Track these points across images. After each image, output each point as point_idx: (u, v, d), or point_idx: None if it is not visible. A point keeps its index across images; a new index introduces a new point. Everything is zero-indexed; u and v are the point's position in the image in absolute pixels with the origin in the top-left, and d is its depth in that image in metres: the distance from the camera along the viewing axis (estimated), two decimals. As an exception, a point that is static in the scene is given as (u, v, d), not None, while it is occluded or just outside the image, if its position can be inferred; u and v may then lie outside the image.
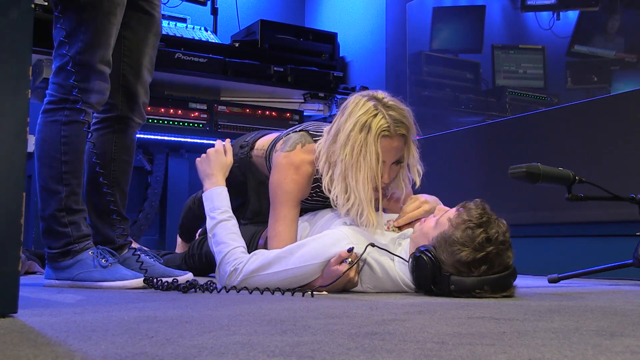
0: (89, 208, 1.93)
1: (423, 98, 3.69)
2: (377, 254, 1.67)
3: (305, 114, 3.87)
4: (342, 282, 1.64)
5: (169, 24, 3.75)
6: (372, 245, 1.64)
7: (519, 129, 3.02)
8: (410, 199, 1.87)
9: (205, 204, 1.93)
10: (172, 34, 3.52)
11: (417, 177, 1.87)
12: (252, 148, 2.21)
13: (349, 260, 1.62)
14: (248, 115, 3.56)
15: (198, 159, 2.07)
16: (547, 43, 3.05)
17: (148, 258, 1.94)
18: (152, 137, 3.38)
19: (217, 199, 1.91)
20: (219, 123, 3.48)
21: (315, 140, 1.93)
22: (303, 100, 3.84)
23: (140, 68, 1.98)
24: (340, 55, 4.19)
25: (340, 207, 1.79)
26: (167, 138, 3.43)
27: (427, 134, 3.49)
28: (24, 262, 2.50)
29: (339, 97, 3.83)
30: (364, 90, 1.89)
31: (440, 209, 1.77)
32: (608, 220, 2.56)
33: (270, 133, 2.25)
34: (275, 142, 2.09)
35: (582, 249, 2.71)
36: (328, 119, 3.73)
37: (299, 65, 3.75)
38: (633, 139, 2.52)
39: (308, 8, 4.81)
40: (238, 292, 1.65)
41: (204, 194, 1.96)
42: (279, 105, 3.80)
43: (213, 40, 3.69)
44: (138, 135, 2.42)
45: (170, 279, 1.70)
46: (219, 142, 2.10)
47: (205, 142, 3.52)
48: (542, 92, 3.11)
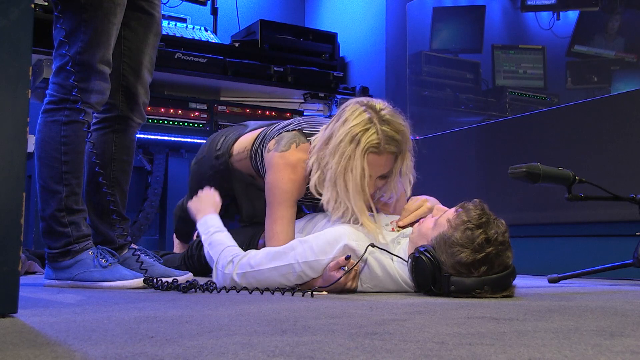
0: (89, 208, 1.93)
1: (423, 98, 3.69)
2: (377, 253, 1.67)
3: (305, 114, 3.87)
4: (338, 287, 1.65)
5: (169, 24, 3.75)
6: (372, 246, 1.64)
7: (519, 129, 3.02)
8: (412, 199, 1.87)
9: (200, 231, 1.96)
10: (172, 34, 3.52)
11: (408, 186, 1.87)
12: (230, 156, 2.19)
13: (346, 268, 1.62)
14: (248, 115, 3.56)
15: (190, 202, 2.09)
16: (547, 43, 3.05)
17: (148, 258, 1.94)
18: (152, 137, 3.38)
19: (209, 221, 1.95)
20: (219, 123, 3.48)
21: (309, 140, 1.93)
22: (303, 100, 3.84)
23: (140, 68, 1.98)
24: (340, 55, 4.19)
25: (332, 212, 1.80)
26: (167, 138, 3.42)
27: (427, 134, 3.50)
28: (24, 262, 2.50)
29: (339, 97, 3.83)
30: (365, 97, 1.87)
31: (439, 209, 1.77)
32: (608, 220, 2.56)
33: (243, 134, 2.21)
34: (264, 138, 2.07)
35: (582, 249, 2.71)
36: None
37: (299, 65, 3.75)
38: (633, 139, 2.52)
39: (308, 8, 4.81)
40: (238, 292, 1.65)
41: (198, 224, 1.99)
42: (279, 105, 3.80)
43: (213, 40, 3.69)
44: (138, 135, 2.43)
45: (170, 279, 1.70)
46: (206, 189, 2.11)
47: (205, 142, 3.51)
48: (542, 92, 3.11)
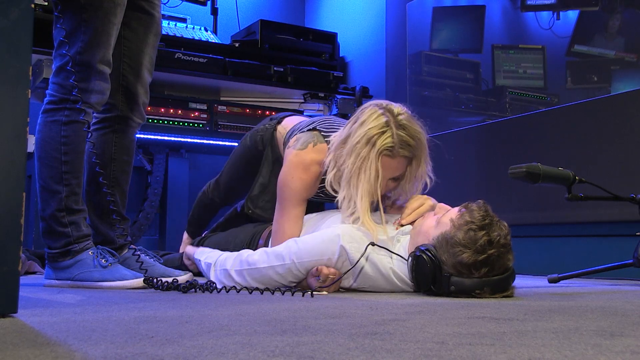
0: (89, 208, 1.93)
1: (423, 98, 3.69)
2: (374, 255, 1.67)
3: (306, 114, 3.87)
4: (334, 288, 1.67)
5: (169, 24, 3.75)
6: (372, 244, 1.64)
7: (519, 129, 3.02)
8: (413, 197, 1.87)
9: (200, 258, 2.04)
10: (172, 34, 3.52)
11: (419, 188, 1.89)
12: (279, 122, 2.25)
13: (321, 279, 1.64)
14: (248, 115, 3.56)
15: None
16: (547, 43, 3.05)
17: (148, 258, 1.94)
18: (152, 137, 3.38)
19: (206, 249, 2.06)
20: (219, 123, 3.48)
21: (328, 141, 1.95)
22: (303, 100, 3.84)
23: (140, 68, 1.98)
24: (340, 55, 4.19)
25: (343, 211, 1.82)
26: (167, 138, 3.42)
27: (427, 134, 3.49)
28: (24, 262, 2.50)
29: (339, 97, 3.83)
30: (384, 100, 1.89)
31: (442, 207, 1.77)
32: (608, 220, 2.56)
33: (295, 115, 2.32)
34: (293, 131, 2.11)
35: (582, 249, 2.71)
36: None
37: (299, 65, 3.75)
38: (633, 139, 2.52)
39: (308, 8, 4.81)
40: (238, 292, 1.65)
41: (195, 253, 2.11)
42: (279, 105, 3.80)
43: (213, 40, 3.68)
44: (138, 135, 2.43)
45: (170, 279, 1.70)
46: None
47: (205, 142, 3.52)
48: (542, 92, 3.11)
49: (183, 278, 1.84)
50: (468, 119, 3.42)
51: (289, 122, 2.23)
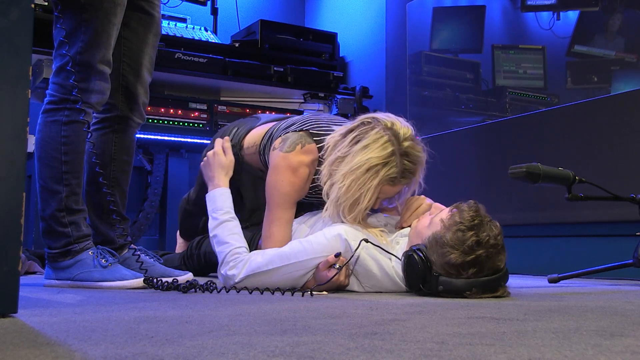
0: (89, 208, 1.93)
1: (423, 98, 3.69)
2: (375, 252, 1.67)
3: (306, 114, 3.87)
4: (333, 285, 1.66)
5: (169, 24, 3.75)
6: (365, 241, 1.64)
7: (519, 129, 3.02)
8: (411, 198, 1.87)
9: (208, 205, 1.93)
10: (172, 34, 3.52)
11: (409, 195, 1.87)
12: (240, 148, 2.18)
13: (337, 265, 1.63)
14: (248, 116, 3.55)
15: (202, 163, 2.07)
16: (547, 43, 3.05)
17: (148, 258, 1.94)
18: (152, 137, 3.38)
19: (219, 200, 1.91)
20: (219, 123, 3.47)
21: (315, 140, 1.93)
22: (303, 100, 3.84)
23: (140, 68, 1.98)
24: (340, 55, 4.19)
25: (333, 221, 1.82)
26: (167, 138, 3.42)
27: (427, 134, 3.49)
28: (24, 262, 2.50)
29: (339, 97, 3.83)
30: (390, 119, 1.78)
31: (437, 207, 1.77)
32: (608, 220, 2.56)
33: (255, 127, 2.21)
34: (271, 135, 2.06)
35: (582, 249, 2.70)
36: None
37: (299, 65, 3.75)
38: (633, 139, 2.52)
39: (308, 8, 4.81)
40: (238, 292, 1.65)
41: (207, 195, 1.97)
42: (279, 105, 3.80)
43: (213, 40, 3.68)
44: (138, 135, 2.43)
45: (170, 279, 1.70)
46: (218, 142, 2.09)
47: (206, 142, 3.51)
48: (542, 92, 3.11)
49: (183, 278, 1.84)
50: (468, 119, 3.41)
51: (252, 137, 2.15)
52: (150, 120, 3.30)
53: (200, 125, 3.45)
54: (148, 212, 3.46)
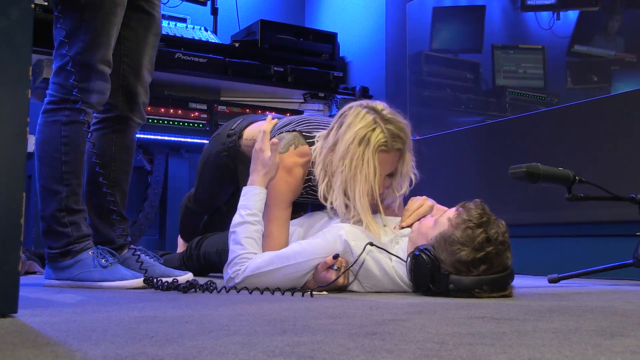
0: (89, 208, 1.93)
1: (423, 98, 3.69)
2: (376, 253, 1.68)
3: (306, 114, 3.87)
4: (331, 286, 1.66)
5: (169, 24, 3.75)
6: (370, 244, 1.65)
7: (519, 129, 3.02)
8: (412, 199, 1.87)
9: (241, 198, 1.87)
10: (172, 34, 3.52)
11: (405, 185, 1.89)
12: (240, 137, 2.21)
13: (336, 267, 1.64)
14: (248, 115, 3.56)
15: (254, 149, 1.93)
16: (547, 43, 3.05)
17: (148, 258, 1.94)
18: (152, 137, 3.38)
19: (252, 199, 1.85)
20: (219, 123, 3.47)
21: (308, 142, 1.93)
22: (303, 100, 3.84)
23: (140, 68, 1.98)
24: (340, 55, 4.19)
25: (342, 216, 1.81)
26: (167, 138, 3.42)
27: (427, 134, 3.49)
28: (24, 262, 2.49)
29: (339, 97, 3.83)
30: (364, 100, 1.89)
31: (439, 209, 1.78)
32: (608, 220, 2.56)
33: (257, 121, 2.23)
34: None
35: (582, 249, 2.70)
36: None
37: (299, 65, 3.75)
38: (633, 139, 2.52)
39: (308, 8, 4.81)
40: (238, 292, 1.65)
41: (244, 188, 1.90)
42: (279, 105, 3.80)
43: (213, 40, 3.68)
44: (138, 135, 2.42)
45: (170, 279, 1.70)
46: (266, 126, 1.94)
47: (205, 142, 3.50)
48: (542, 92, 3.11)
49: (183, 278, 1.84)
50: (468, 119, 3.41)
51: (252, 130, 2.18)
52: (150, 120, 3.30)
53: (200, 125, 3.45)
54: (148, 212, 3.46)
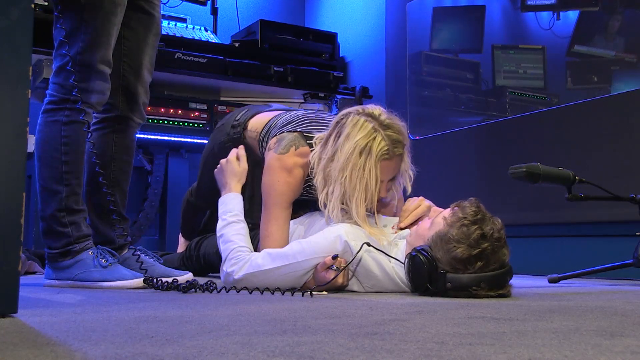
0: (89, 208, 1.93)
1: (423, 98, 3.69)
2: (376, 253, 1.68)
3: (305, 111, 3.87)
4: (331, 286, 1.66)
5: (169, 24, 3.75)
6: (367, 245, 1.65)
7: (519, 129, 3.02)
8: (409, 200, 1.88)
9: (219, 208, 1.95)
10: (172, 34, 3.52)
11: (408, 182, 1.90)
12: (244, 128, 2.21)
13: (335, 267, 1.64)
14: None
15: (216, 170, 2.08)
16: (547, 43, 3.05)
17: (148, 258, 1.94)
18: (152, 137, 3.38)
19: (230, 203, 1.93)
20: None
21: (309, 143, 1.94)
22: (303, 100, 3.84)
23: (141, 68, 1.98)
24: (340, 55, 4.19)
25: (336, 220, 1.81)
26: (167, 138, 3.42)
27: (427, 134, 3.49)
28: (24, 262, 2.50)
29: (339, 97, 3.83)
30: (360, 106, 1.88)
31: (435, 210, 1.78)
32: (608, 220, 2.56)
33: (262, 112, 2.23)
34: (270, 129, 2.07)
35: (582, 249, 2.70)
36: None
37: (299, 65, 3.75)
38: (633, 139, 2.52)
39: (308, 8, 4.81)
40: (238, 292, 1.65)
41: (219, 200, 1.99)
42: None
43: (213, 40, 3.68)
44: (138, 135, 2.43)
45: (170, 279, 1.70)
46: (233, 151, 2.09)
47: (205, 142, 3.51)
48: (542, 92, 3.11)
49: (183, 278, 1.84)
50: (468, 119, 3.41)
51: (256, 122, 2.17)
52: (150, 120, 3.30)
53: (200, 125, 3.45)
54: (148, 212, 3.46)
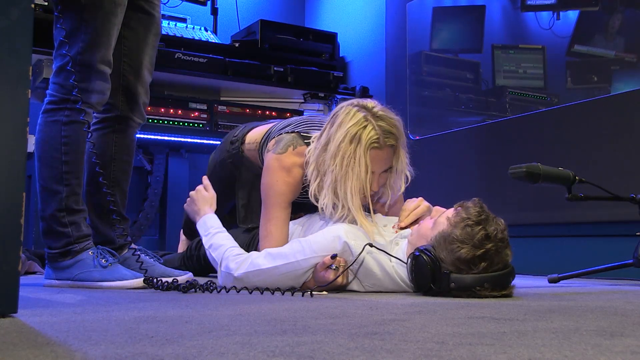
0: (89, 208, 1.93)
1: (423, 98, 3.69)
2: (377, 253, 1.68)
3: (306, 114, 3.87)
4: (331, 286, 1.66)
5: (169, 24, 3.75)
6: (370, 246, 1.65)
7: (519, 129, 3.02)
8: (409, 200, 1.88)
9: (200, 232, 1.97)
10: (172, 34, 3.52)
11: (403, 183, 1.90)
12: (242, 142, 2.23)
13: (334, 266, 1.64)
14: (248, 115, 3.56)
15: (185, 205, 2.11)
16: (547, 43, 3.05)
17: (148, 258, 1.94)
18: (152, 137, 3.38)
19: (208, 222, 1.96)
20: (219, 123, 3.48)
21: (307, 143, 1.94)
22: (303, 100, 3.84)
23: (141, 68, 1.98)
24: (340, 55, 4.19)
25: (329, 215, 1.82)
26: (167, 138, 3.42)
27: (427, 134, 3.50)
28: (24, 262, 2.49)
29: (339, 97, 3.83)
30: (355, 99, 1.90)
31: (438, 210, 1.78)
32: (608, 220, 2.56)
33: (259, 125, 2.26)
34: (269, 136, 2.09)
35: (582, 249, 2.70)
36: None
37: (299, 65, 3.75)
38: (633, 139, 2.52)
39: (308, 8, 4.81)
40: (238, 292, 1.65)
41: (197, 225, 2.01)
42: (279, 105, 3.80)
43: (213, 40, 3.68)
44: (138, 135, 2.42)
45: (170, 279, 1.70)
46: (200, 185, 2.13)
47: (205, 142, 3.51)
48: (542, 92, 3.11)
49: (183, 278, 1.84)
50: (468, 119, 3.41)
51: (254, 134, 2.21)
52: (150, 120, 3.30)
53: (200, 125, 3.45)
54: (148, 212, 3.46)
